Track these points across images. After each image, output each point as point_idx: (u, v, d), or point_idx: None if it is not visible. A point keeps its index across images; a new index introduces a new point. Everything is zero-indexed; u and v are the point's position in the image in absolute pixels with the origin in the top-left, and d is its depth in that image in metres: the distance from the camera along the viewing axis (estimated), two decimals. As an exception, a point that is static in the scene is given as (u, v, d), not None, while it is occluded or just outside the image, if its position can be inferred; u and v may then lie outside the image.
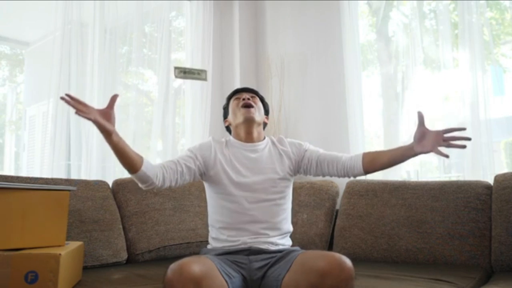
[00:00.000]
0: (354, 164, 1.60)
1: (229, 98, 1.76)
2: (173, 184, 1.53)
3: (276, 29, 3.05)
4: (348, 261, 1.24)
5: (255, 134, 1.66)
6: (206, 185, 1.67)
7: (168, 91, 2.77)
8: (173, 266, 1.20)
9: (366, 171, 1.59)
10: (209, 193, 1.65)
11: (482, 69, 2.15)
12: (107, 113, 1.34)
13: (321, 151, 1.69)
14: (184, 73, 1.63)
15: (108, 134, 1.33)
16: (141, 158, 1.44)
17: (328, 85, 2.75)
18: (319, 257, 1.27)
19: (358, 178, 1.78)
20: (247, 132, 1.65)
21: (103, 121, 1.31)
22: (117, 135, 1.35)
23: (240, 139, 1.67)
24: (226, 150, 1.64)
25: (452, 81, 2.28)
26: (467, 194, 1.92)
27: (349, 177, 1.65)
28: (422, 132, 1.47)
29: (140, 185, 1.48)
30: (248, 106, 1.64)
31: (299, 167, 1.68)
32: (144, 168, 1.42)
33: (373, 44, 2.82)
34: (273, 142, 1.71)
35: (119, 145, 1.36)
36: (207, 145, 1.64)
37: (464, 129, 1.48)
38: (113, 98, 1.36)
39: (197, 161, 1.59)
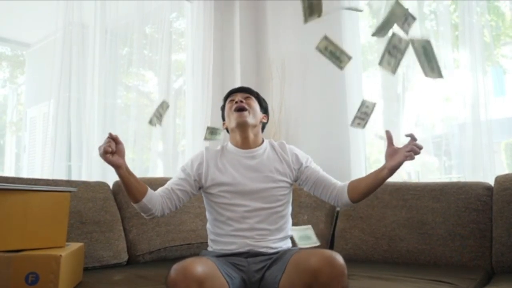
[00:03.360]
0: (341, 195, 1.59)
1: (225, 99, 1.72)
2: (172, 210, 1.59)
3: (276, 30, 3.05)
4: (339, 258, 1.23)
5: (251, 137, 1.62)
6: (203, 194, 1.66)
7: (168, 92, 2.77)
8: (176, 266, 1.21)
9: (353, 200, 1.57)
10: (206, 200, 1.64)
11: (482, 70, 2.15)
12: (117, 149, 1.42)
13: (321, 172, 1.65)
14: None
15: (116, 167, 1.42)
16: (146, 190, 1.50)
17: (329, 86, 2.75)
18: (311, 256, 1.27)
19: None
20: (242, 136, 1.61)
21: (112, 158, 1.39)
22: (126, 169, 1.44)
23: (236, 144, 1.63)
24: (222, 158, 1.62)
25: (453, 82, 2.28)
26: (467, 195, 1.92)
27: (338, 206, 1.65)
28: (392, 150, 1.49)
29: (142, 214, 1.55)
30: (240, 109, 1.60)
31: (296, 178, 1.65)
32: (145, 200, 1.49)
33: (373, 45, 2.82)
34: (272, 147, 1.66)
35: (125, 178, 1.44)
36: (199, 159, 1.62)
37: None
38: (111, 135, 1.42)
39: (191, 179, 1.59)
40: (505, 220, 1.80)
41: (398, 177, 2.40)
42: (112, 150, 1.38)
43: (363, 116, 1.42)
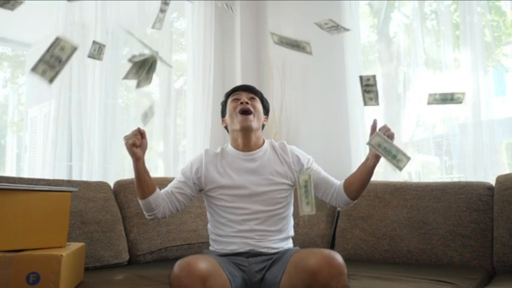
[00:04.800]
0: (340, 195, 1.58)
1: (228, 95, 1.69)
2: (174, 212, 1.61)
3: (277, 30, 3.05)
4: (338, 257, 1.23)
5: (253, 140, 1.61)
6: (204, 196, 1.65)
7: (169, 92, 2.77)
8: (180, 262, 1.22)
9: (351, 197, 1.56)
10: (207, 202, 1.64)
11: (483, 69, 2.15)
12: (141, 143, 1.46)
13: (322, 173, 1.64)
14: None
15: (136, 160, 1.46)
16: (155, 189, 1.53)
17: (329, 86, 2.75)
18: (310, 255, 1.27)
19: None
20: (244, 140, 1.60)
21: (136, 150, 1.45)
22: (143, 163, 1.49)
23: (237, 147, 1.62)
24: (222, 161, 1.60)
25: (454, 81, 2.28)
26: (468, 195, 1.92)
27: (339, 206, 1.64)
28: None
29: (144, 213, 1.57)
30: (246, 112, 1.58)
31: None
32: (151, 198, 1.52)
33: (374, 45, 2.82)
34: (273, 148, 1.64)
35: (140, 172, 1.48)
36: (199, 162, 1.62)
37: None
38: (139, 129, 1.48)
39: (190, 183, 1.60)
40: (506, 220, 1.80)
41: (399, 177, 2.40)
42: (139, 143, 1.44)
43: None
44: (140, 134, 1.46)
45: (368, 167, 1.50)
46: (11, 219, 1.41)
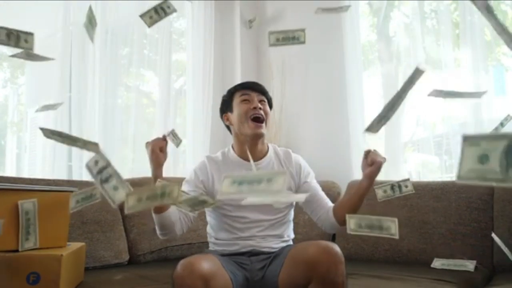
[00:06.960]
0: (328, 218, 1.53)
1: (233, 91, 1.62)
2: (189, 225, 1.53)
3: (276, 29, 3.05)
4: (335, 247, 1.23)
5: (259, 147, 1.58)
6: None
7: (169, 92, 2.77)
8: (183, 262, 1.22)
9: (339, 221, 1.50)
10: (209, 209, 1.62)
11: (484, 69, 2.15)
12: (162, 145, 1.43)
13: (319, 192, 1.59)
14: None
15: (158, 165, 1.41)
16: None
17: (329, 86, 2.75)
18: (307, 247, 1.28)
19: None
20: (252, 146, 1.56)
21: (159, 154, 1.41)
22: (162, 171, 1.43)
23: (241, 154, 1.57)
24: (225, 169, 1.56)
25: (454, 81, 2.28)
26: (469, 194, 1.92)
27: (326, 229, 1.60)
28: (366, 162, 1.46)
29: (158, 232, 1.48)
30: (259, 120, 1.53)
31: (297, 188, 1.60)
32: (168, 211, 1.43)
33: (374, 44, 2.82)
34: (277, 155, 1.61)
35: (160, 179, 1.41)
36: (203, 169, 1.57)
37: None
38: (164, 137, 1.46)
39: (199, 190, 1.54)
40: (506, 219, 1.80)
41: (399, 176, 2.40)
42: (162, 149, 1.41)
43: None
44: (164, 141, 1.43)
45: (362, 188, 1.46)
46: (11, 219, 1.40)
